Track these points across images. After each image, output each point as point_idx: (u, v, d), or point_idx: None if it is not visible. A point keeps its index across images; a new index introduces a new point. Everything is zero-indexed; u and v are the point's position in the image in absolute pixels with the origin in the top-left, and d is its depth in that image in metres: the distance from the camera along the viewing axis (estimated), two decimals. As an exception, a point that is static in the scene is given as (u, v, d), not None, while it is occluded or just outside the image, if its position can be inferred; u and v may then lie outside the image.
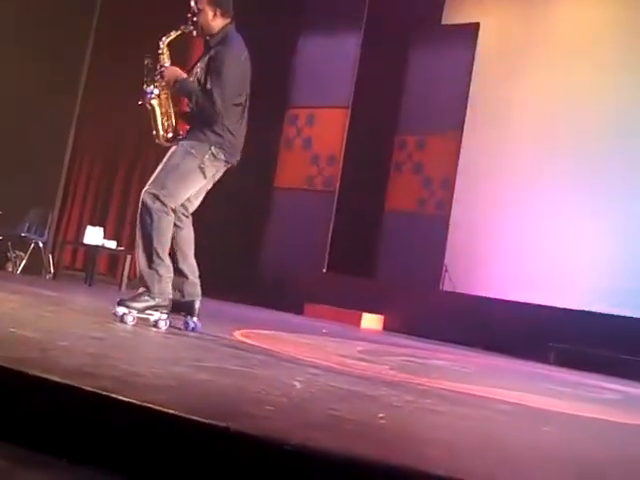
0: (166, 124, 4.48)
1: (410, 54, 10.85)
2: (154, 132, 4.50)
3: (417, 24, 10.78)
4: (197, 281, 4.53)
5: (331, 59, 10.68)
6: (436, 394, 3.53)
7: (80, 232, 10.35)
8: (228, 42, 4.48)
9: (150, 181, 4.36)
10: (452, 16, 10.70)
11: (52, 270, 9.13)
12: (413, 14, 10.67)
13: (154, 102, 4.41)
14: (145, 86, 4.42)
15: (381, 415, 2.58)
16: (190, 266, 4.52)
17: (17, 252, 9.11)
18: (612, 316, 7.77)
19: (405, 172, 10.53)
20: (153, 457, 1.97)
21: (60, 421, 2.13)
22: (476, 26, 10.16)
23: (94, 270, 9.07)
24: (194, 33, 4.49)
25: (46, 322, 3.96)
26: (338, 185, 10.37)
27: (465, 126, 10.02)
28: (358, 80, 10.47)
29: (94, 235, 8.94)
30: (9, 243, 9.09)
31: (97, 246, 8.91)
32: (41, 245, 9.15)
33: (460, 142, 9.97)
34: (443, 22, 10.84)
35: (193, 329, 4.45)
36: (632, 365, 6.89)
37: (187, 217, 4.58)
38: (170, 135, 4.50)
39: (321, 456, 1.90)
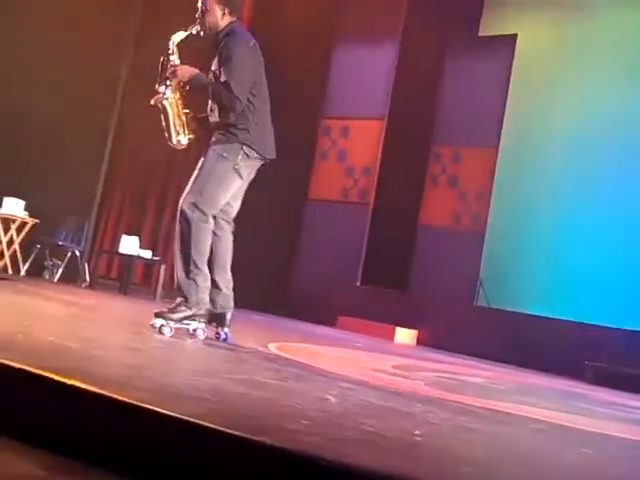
0: (178, 126, 4.47)
1: (446, 65, 10.80)
2: (166, 134, 4.48)
3: (454, 35, 10.73)
4: (230, 293, 4.51)
5: (366, 70, 10.67)
6: (472, 412, 3.49)
7: (116, 241, 10.44)
8: (234, 34, 4.50)
9: (187, 190, 4.36)
10: (489, 27, 10.64)
11: (88, 279, 9.21)
12: (450, 25, 10.63)
13: (166, 103, 4.40)
14: (157, 85, 4.40)
15: (417, 432, 2.55)
16: (225, 278, 4.50)
17: (54, 260, 9.20)
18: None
19: (440, 185, 10.47)
20: (189, 470, 1.97)
21: (97, 430, 2.14)
22: (513, 37, 10.10)
23: (129, 279, 9.14)
24: (201, 33, 4.49)
25: (83, 331, 3.99)
26: (373, 197, 10.34)
27: (502, 138, 9.94)
28: (394, 91, 10.44)
29: (130, 244, 9.01)
30: (46, 251, 9.19)
31: (132, 255, 8.98)
32: (77, 254, 9.24)
33: (496, 155, 9.88)
34: (480, 34, 10.78)
35: (224, 340, 4.45)
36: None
37: (228, 223, 4.54)
38: (182, 138, 4.48)
39: (357, 472, 1.89)
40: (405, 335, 9.04)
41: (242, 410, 2.41)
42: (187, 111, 4.50)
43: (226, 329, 4.46)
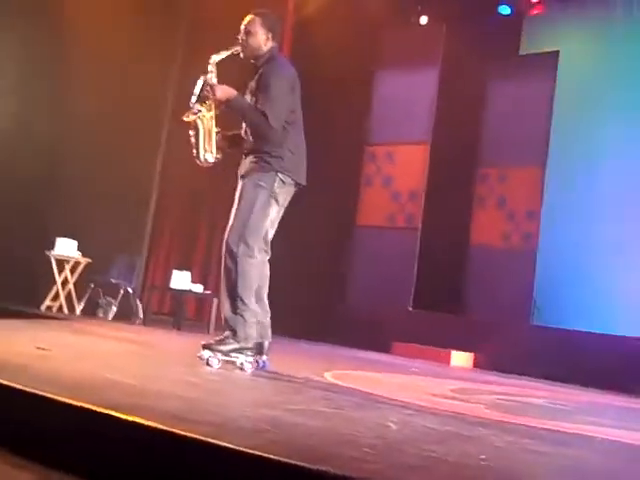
0: (207, 144, 4.48)
1: (488, 86, 10.73)
2: (194, 150, 4.50)
3: (494, 56, 10.68)
4: (268, 322, 4.45)
5: (409, 95, 10.66)
6: (536, 434, 3.41)
7: (167, 277, 10.54)
8: (274, 60, 4.53)
9: (230, 225, 4.37)
10: (530, 46, 10.57)
11: (141, 315, 9.29)
12: (490, 46, 10.58)
13: (198, 120, 4.42)
14: (192, 102, 4.41)
15: (482, 456, 2.49)
16: (263, 308, 4.46)
17: (107, 298, 9.30)
18: None
19: (488, 206, 10.38)
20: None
21: (160, 465, 2.14)
22: (555, 54, 10.01)
23: (182, 314, 9.19)
24: (241, 55, 4.51)
25: (139, 367, 4.01)
26: (421, 222, 10.29)
27: (549, 157, 9.82)
28: (437, 115, 10.41)
29: (181, 279, 9.08)
30: (100, 290, 9.30)
31: (184, 290, 9.04)
32: (130, 291, 9.33)
33: (543, 174, 9.76)
34: (521, 52, 10.72)
35: (262, 367, 4.40)
36: None
37: (267, 253, 4.50)
38: (209, 156, 4.50)
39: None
40: (461, 358, 8.92)
41: (302, 440, 2.38)
42: (217, 130, 4.51)
43: (264, 357, 4.41)
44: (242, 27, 4.51)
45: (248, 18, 4.53)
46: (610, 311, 8.96)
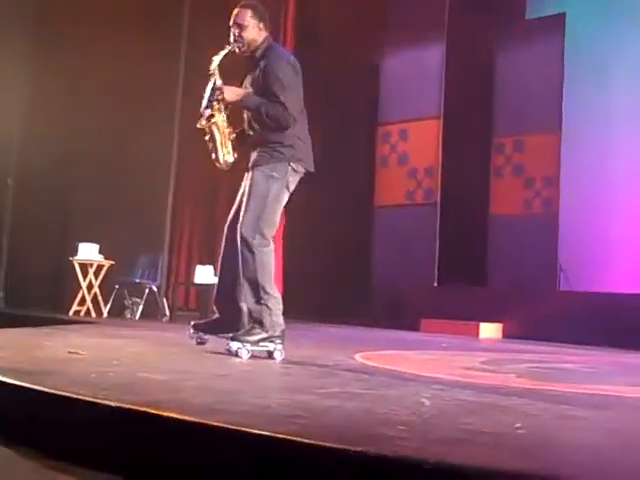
0: (225, 148, 4.48)
1: (497, 53, 10.64)
2: (213, 155, 4.49)
3: (501, 22, 10.57)
4: (280, 311, 4.36)
5: (417, 70, 10.59)
6: (571, 399, 3.39)
7: (190, 272, 10.58)
8: (273, 50, 4.49)
9: (243, 216, 4.35)
10: (536, 10, 10.46)
11: (168, 312, 9.34)
12: (495, 13, 10.48)
13: (213, 126, 4.41)
14: (203, 108, 4.41)
15: (518, 425, 2.49)
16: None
17: (133, 299, 9.37)
18: None
19: (506, 175, 10.31)
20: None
21: (199, 459, 2.15)
22: (562, 16, 9.90)
23: (208, 309, 9.22)
24: (241, 50, 4.46)
25: (171, 364, 4.03)
26: (439, 197, 10.24)
27: (564, 121, 9.73)
28: (447, 88, 10.34)
29: (204, 274, 9.12)
30: (125, 291, 9.37)
31: (208, 284, 9.07)
32: (155, 289, 9.38)
33: (560, 138, 9.67)
34: (527, 17, 10.61)
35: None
36: None
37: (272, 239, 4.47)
38: (229, 157, 4.50)
39: (462, 472, 1.85)
40: (490, 330, 8.90)
41: (337, 423, 2.39)
42: (230, 130, 4.50)
43: (279, 345, 4.35)
44: (232, 22, 4.45)
45: (236, 11, 4.46)
46: (635, 271, 8.90)
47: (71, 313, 8.93)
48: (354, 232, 10.99)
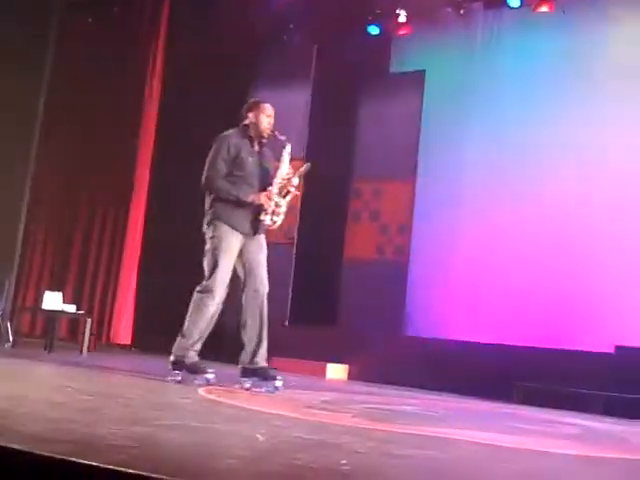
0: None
1: (360, 104, 11.00)
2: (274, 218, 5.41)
3: (366, 74, 10.96)
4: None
5: (283, 113, 10.78)
6: (400, 439, 3.55)
7: (39, 298, 10.25)
8: None
9: (264, 276, 5.34)
10: (399, 65, 10.90)
11: (11, 338, 8.99)
12: (361, 65, 10.85)
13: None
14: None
15: (344, 462, 2.59)
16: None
17: (-25, 323, 8.97)
18: (571, 352, 7.85)
19: (362, 220, 10.63)
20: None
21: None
22: (422, 73, 10.39)
23: (54, 336, 8.96)
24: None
25: (6, 390, 3.92)
26: (296, 236, 10.43)
27: (419, 171, 10.14)
28: (310, 132, 10.61)
29: (53, 300, 8.86)
30: (-34, 314, 8.96)
31: (56, 311, 8.83)
32: (-1, 313, 9.03)
33: (414, 187, 10.08)
34: (391, 71, 11.04)
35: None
36: (591, 399, 6.98)
37: None
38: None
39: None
40: (336, 370, 9.08)
41: (168, 455, 2.42)
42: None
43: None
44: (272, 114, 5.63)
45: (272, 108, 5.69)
46: (478, 320, 9.32)
47: None
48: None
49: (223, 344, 8.21)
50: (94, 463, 2.05)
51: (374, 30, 10.72)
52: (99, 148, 10.94)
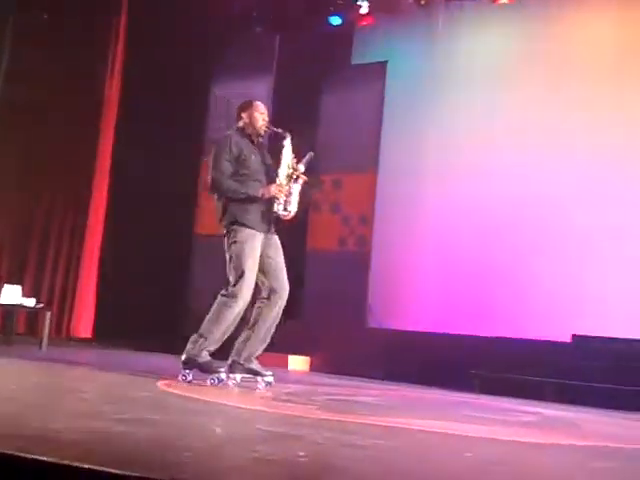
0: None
1: (322, 95, 10.96)
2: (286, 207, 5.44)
3: (328, 65, 10.94)
4: None
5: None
6: (360, 429, 3.56)
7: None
8: None
9: (287, 279, 5.40)
10: (361, 56, 10.91)
11: (-32, 333, 8.87)
12: (323, 56, 10.84)
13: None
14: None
15: (302, 453, 2.60)
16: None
17: None
18: (530, 341, 7.96)
19: (323, 211, 10.64)
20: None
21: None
22: (384, 64, 10.41)
23: (12, 330, 8.86)
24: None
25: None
26: (258, 229, 10.39)
27: (380, 162, 10.17)
28: (273, 123, 10.54)
29: (12, 294, 8.74)
30: None
31: (15, 305, 8.72)
32: (-45, 307, 8.89)
33: (376, 178, 10.10)
34: (353, 62, 11.04)
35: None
36: (549, 387, 7.09)
37: None
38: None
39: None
40: (298, 362, 9.10)
41: (122, 448, 2.40)
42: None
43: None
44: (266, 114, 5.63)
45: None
46: (439, 311, 9.40)
47: None
48: (171, 260, 10.93)
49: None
50: (47, 458, 2.03)
51: (336, 20, 10.74)
52: (58, 147, 10.83)
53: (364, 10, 10.44)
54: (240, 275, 5.11)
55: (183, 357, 5.24)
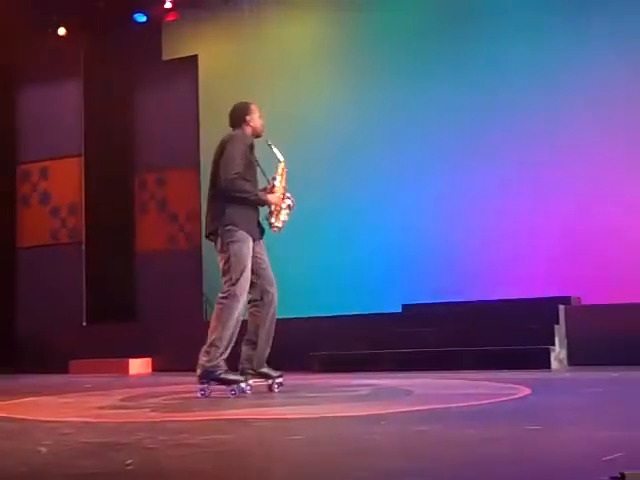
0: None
1: (136, 93, 10.79)
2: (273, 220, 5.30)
3: (139, 63, 10.74)
4: None
5: (55, 110, 10.46)
6: (194, 427, 3.57)
7: None
8: None
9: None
10: (171, 51, 10.79)
11: None
12: (133, 54, 10.64)
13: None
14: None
15: (129, 462, 2.57)
16: None
17: None
18: (363, 316, 8.18)
19: (150, 211, 10.49)
20: None
21: None
22: (195, 58, 10.36)
23: None
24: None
25: None
26: (84, 235, 10.16)
27: (202, 157, 10.10)
28: (86, 125, 10.32)
29: None
30: None
31: None
32: None
33: (199, 174, 10.03)
34: (164, 58, 10.90)
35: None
36: (385, 357, 7.34)
37: None
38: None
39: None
40: (139, 365, 8.97)
41: None
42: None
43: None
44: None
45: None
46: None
47: None
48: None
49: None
50: None
51: (141, 18, 10.58)
52: None
53: (168, 5, 10.34)
54: (240, 274, 5.01)
55: (199, 372, 5.04)
